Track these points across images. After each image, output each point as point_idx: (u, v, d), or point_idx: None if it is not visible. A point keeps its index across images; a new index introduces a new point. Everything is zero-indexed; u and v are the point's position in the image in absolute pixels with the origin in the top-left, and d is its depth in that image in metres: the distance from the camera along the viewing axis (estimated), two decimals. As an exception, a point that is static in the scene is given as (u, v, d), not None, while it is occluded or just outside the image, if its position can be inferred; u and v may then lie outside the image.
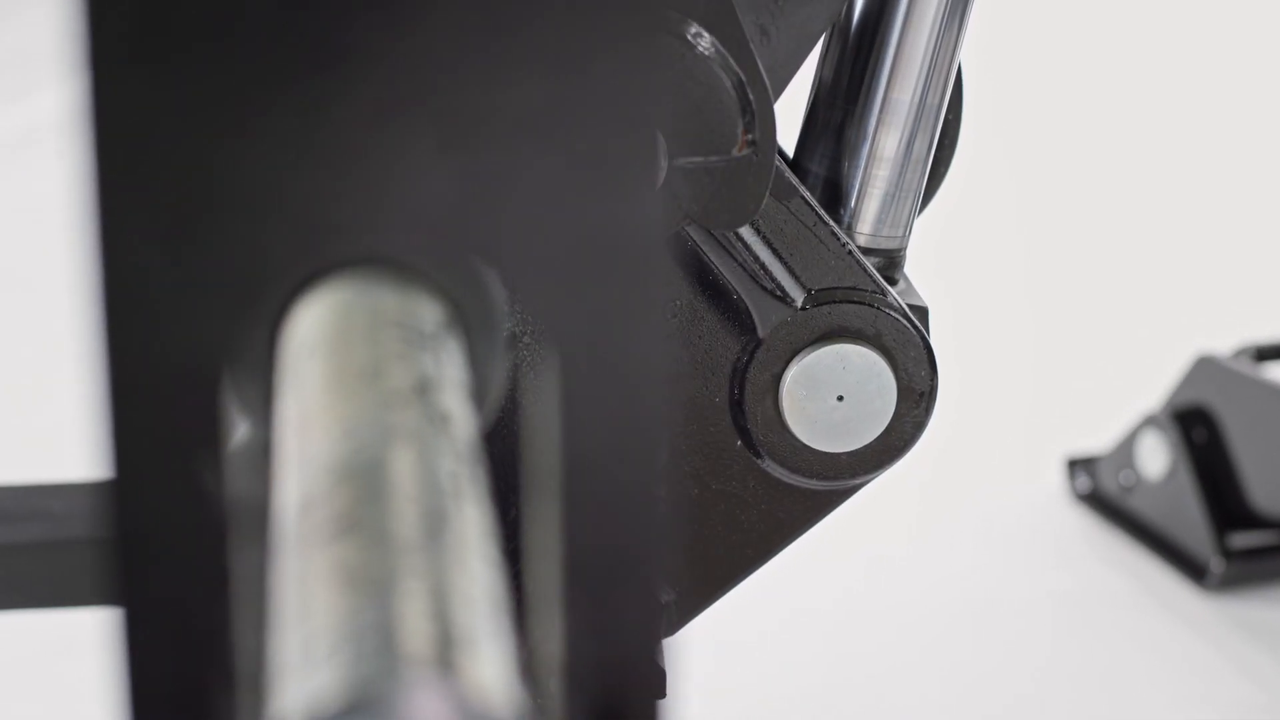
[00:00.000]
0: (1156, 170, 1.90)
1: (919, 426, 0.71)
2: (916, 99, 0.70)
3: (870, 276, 0.70)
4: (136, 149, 0.29)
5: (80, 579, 0.53)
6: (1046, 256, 1.71)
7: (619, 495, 0.32)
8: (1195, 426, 1.18)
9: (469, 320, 0.41)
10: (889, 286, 0.71)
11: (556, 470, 0.33)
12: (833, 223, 0.70)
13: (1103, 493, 1.25)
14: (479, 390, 0.41)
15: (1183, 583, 1.16)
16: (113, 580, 0.31)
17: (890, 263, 0.73)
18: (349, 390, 0.38)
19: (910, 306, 0.71)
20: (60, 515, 0.57)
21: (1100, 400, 1.36)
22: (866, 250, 0.71)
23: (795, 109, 0.73)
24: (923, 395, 0.71)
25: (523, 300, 0.32)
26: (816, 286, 0.70)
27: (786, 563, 1.00)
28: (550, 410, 0.33)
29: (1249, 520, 1.16)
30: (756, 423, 0.71)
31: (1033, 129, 2.01)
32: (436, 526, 0.34)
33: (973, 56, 0.75)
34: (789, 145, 0.74)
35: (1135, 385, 1.32)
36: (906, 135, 0.71)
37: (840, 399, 0.71)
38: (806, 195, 0.69)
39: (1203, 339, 1.25)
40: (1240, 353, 1.20)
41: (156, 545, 0.31)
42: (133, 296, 0.30)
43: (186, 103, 0.30)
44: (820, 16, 0.68)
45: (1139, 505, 1.22)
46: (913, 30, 0.70)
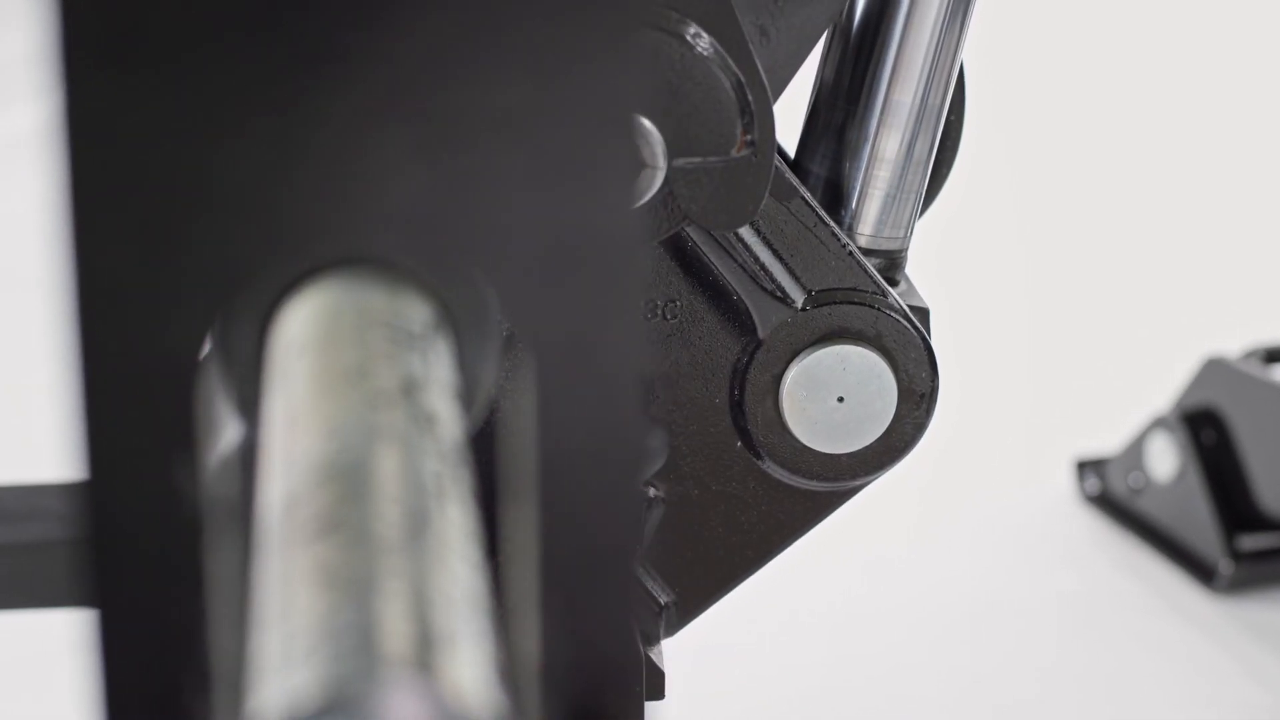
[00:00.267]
0: (1165, 171, 1.89)
1: (919, 428, 0.71)
2: (918, 100, 0.70)
3: (871, 277, 0.70)
4: (110, 151, 0.29)
5: (55, 580, 0.53)
6: (1055, 258, 1.71)
7: (595, 496, 0.32)
8: (1204, 428, 1.18)
9: (459, 321, 0.41)
10: (890, 287, 0.71)
11: (533, 471, 0.33)
12: (833, 224, 0.70)
13: (1112, 494, 1.25)
14: (469, 391, 0.41)
15: (1192, 585, 1.16)
16: (87, 581, 0.31)
17: (891, 264, 0.73)
18: (335, 390, 0.38)
19: (911, 308, 0.71)
20: (34, 516, 0.57)
21: (1109, 402, 1.35)
22: (867, 251, 0.71)
23: (797, 110, 0.73)
24: (923, 397, 0.71)
25: (500, 300, 0.32)
26: (817, 287, 0.70)
27: (794, 562, 1.00)
28: (527, 411, 0.33)
29: (1258, 522, 1.16)
30: (757, 424, 0.71)
31: (1039, 129, 2.01)
32: (418, 527, 0.34)
33: (975, 57, 0.75)
34: (790, 146, 0.74)
35: (1144, 387, 1.32)
36: (908, 136, 0.71)
37: (840, 400, 0.70)
38: (807, 196, 0.69)
39: (1212, 340, 1.25)
40: (1249, 354, 1.20)
41: (131, 546, 0.31)
42: (107, 297, 0.30)
43: (158, 103, 0.30)
44: (820, 17, 0.68)
45: (1148, 507, 1.21)
46: (914, 31, 0.70)
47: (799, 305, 0.70)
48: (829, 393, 0.70)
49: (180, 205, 0.31)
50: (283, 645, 0.32)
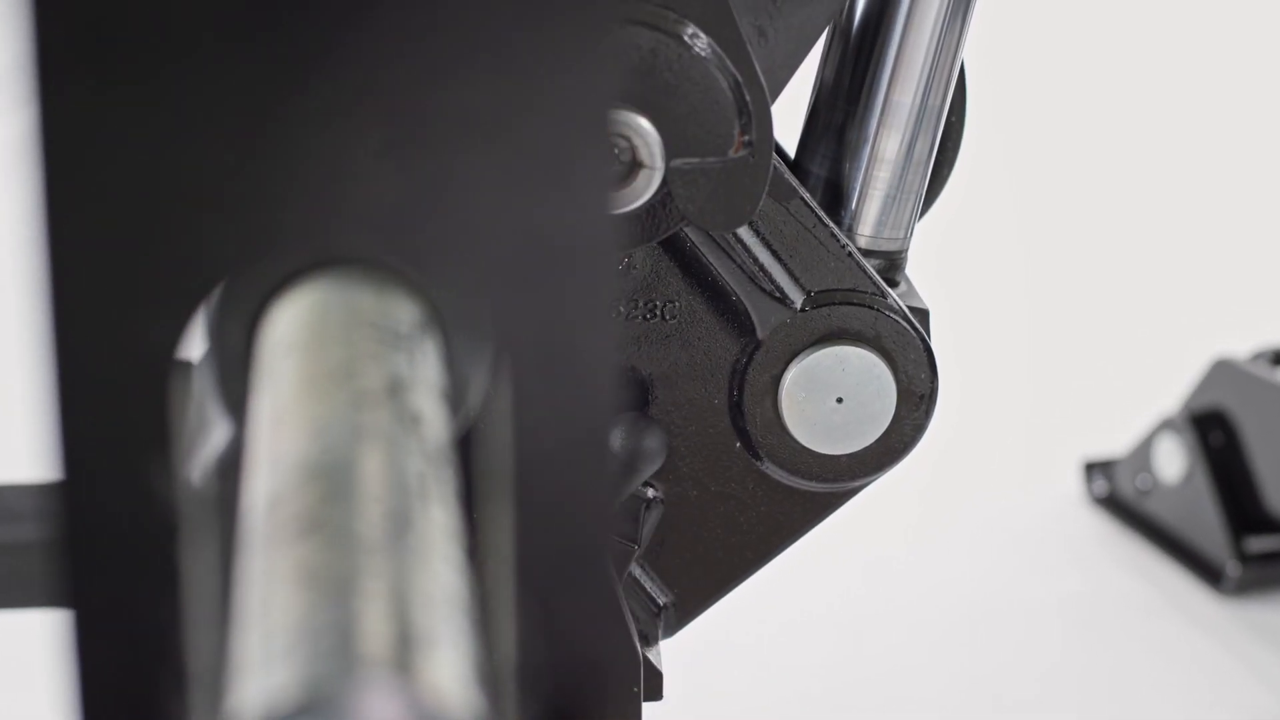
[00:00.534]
0: (1173, 172, 1.89)
1: (919, 429, 0.71)
2: (918, 100, 0.70)
3: (870, 278, 0.70)
4: (85, 151, 0.30)
5: (30, 581, 0.53)
6: (1063, 259, 1.71)
7: (569, 498, 0.32)
8: (1212, 430, 1.17)
9: (448, 321, 0.41)
10: (889, 288, 0.70)
11: (508, 472, 0.33)
12: (832, 224, 0.70)
13: (1120, 496, 1.25)
14: (457, 391, 0.41)
15: (1199, 586, 1.16)
16: (62, 582, 0.31)
17: (891, 265, 0.72)
18: (321, 390, 0.38)
19: (911, 308, 0.71)
20: (8, 517, 0.57)
21: (1118, 403, 1.35)
22: (867, 252, 0.71)
23: (797, 110, 0.73)
24: (923, 398, 0.71)
25: (475, 300, 0.32)
26: (816, 288, 0.70)
27: (800, 563, 0.99)
28: (501, 412, 0.33)
29: (1266, 524, 1.16)
30: (756, 424, 0.71)
31: (1043, 129, 2.00)
32: (400, 527, 0.34)
33: (977, 57, 0.75)
34: (790, 146, 0.74)
35: (1152, 388, 1.31)
36: (908, 137, 0.71)
37: (840, 401, 0.70)
38: (806, 196, 0.69)
39: (1220, 342, 1.25)
40: (1258, 356, 1.20)
41: (106, 546, 0.31)
42: (82, 297, 0.30)
43: (133, 103, 0.30)
44: (818, 18, 0.68)
45: (1156, 509, 1.21)
46: (914, 31, 0.70)
47: (798, 306, 0.70)
48: (828, 394, 0.70)
49: (154, 205, 0.31)
50: (261, 645, 0.32)
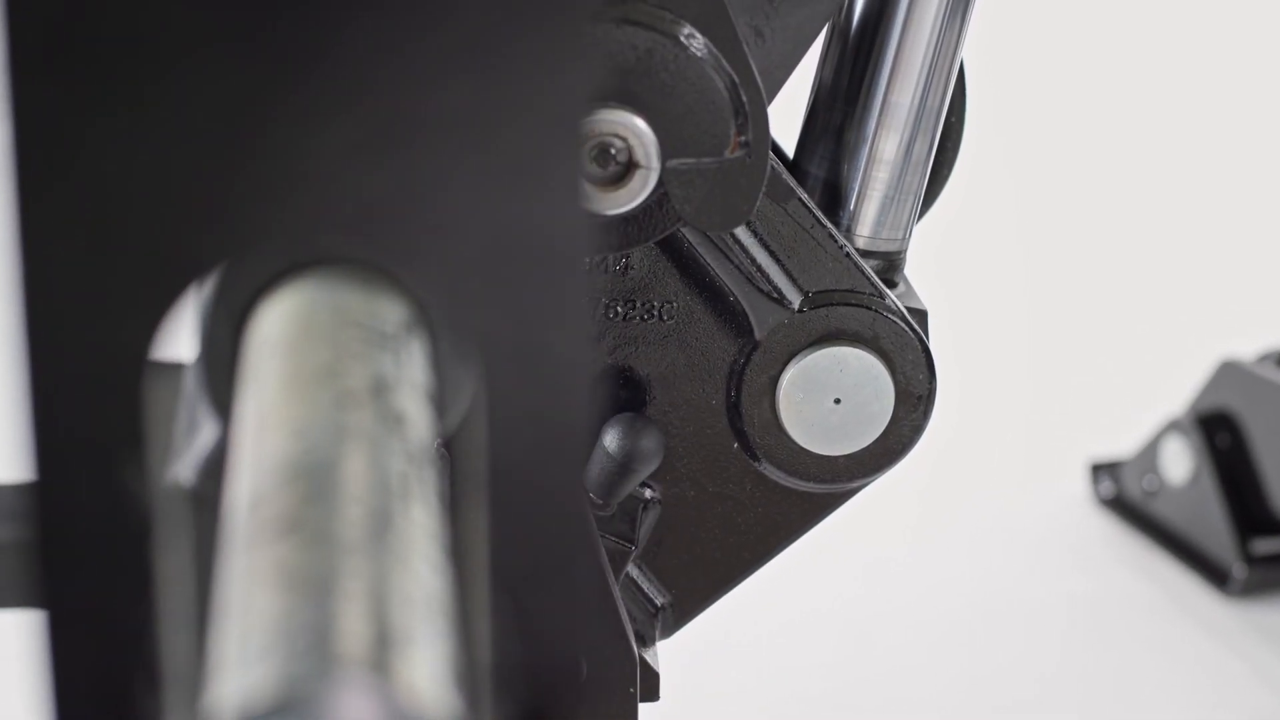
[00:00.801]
0: (1180, 173, 1.88)
1: (917, 430, 0.71)
2: (916, 101, 0.70)
3: (868, 279, 0.70)
4: (57, 153, 0.30)
5: (3, 581, 0.53)
6: (1070, 261, 1.70)
7: (543, 498, 0.32)
8: (1219, 431, 1.17)
9: (436, 322, 0.41)
10: (887, 289, 0.70)
11: (482, 473, 0.32)
12: (830, 225, 0.69)
13: (1126, 497, 1.24)
14: (446, 392, 0.41)
15: (1205, 588, 1.16)
16: (35, 583, 0.31)
17: (889, 265, 0.72)
18: (304, 390, 0.38)
19: (909, 309, 0.71)
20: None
21: (1124, 405, 1.35)
22: (865, 253, 0.71)
23: (795, 111, 0.73)
24: (921, 399, 0.71)
25: (447, 299, 0.32)
26: (814, 289, 0.70)
27: (804, 563, 0.99)
28: (476, 413, 0.33)
29: (1272, 526, 1.16)
30: (753, 425, 0.71)
31: (1048, 130, 2.00)
32: (380, 527, 0.34)
33: (978, 58, 0.75)
34: (789, 147, 0.74)
35: (1159, 390, 1.31)
36: (906, 138, 0.71)
37: (838, 402, 0.70)
38: (804, 197, 0.69)
39: (1227, 343, 1.24)
40: (1264, 357, 1.19)
41: (79, 547, 0.31)
42: (54, 298, 0.30)
43: (104, 104, 0.30)
44: (816, 18, 0.68)
45: (1162, 510, 1.21)
46: (913, 32, 0.69)
47: (796, 307, 0.70)
48: (826, 394, 0.70)
49: (127, 205, 0.31)
50: (239, 645, 0.32)
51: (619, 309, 0.70)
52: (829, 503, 0.73)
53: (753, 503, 0.72)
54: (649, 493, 0.72)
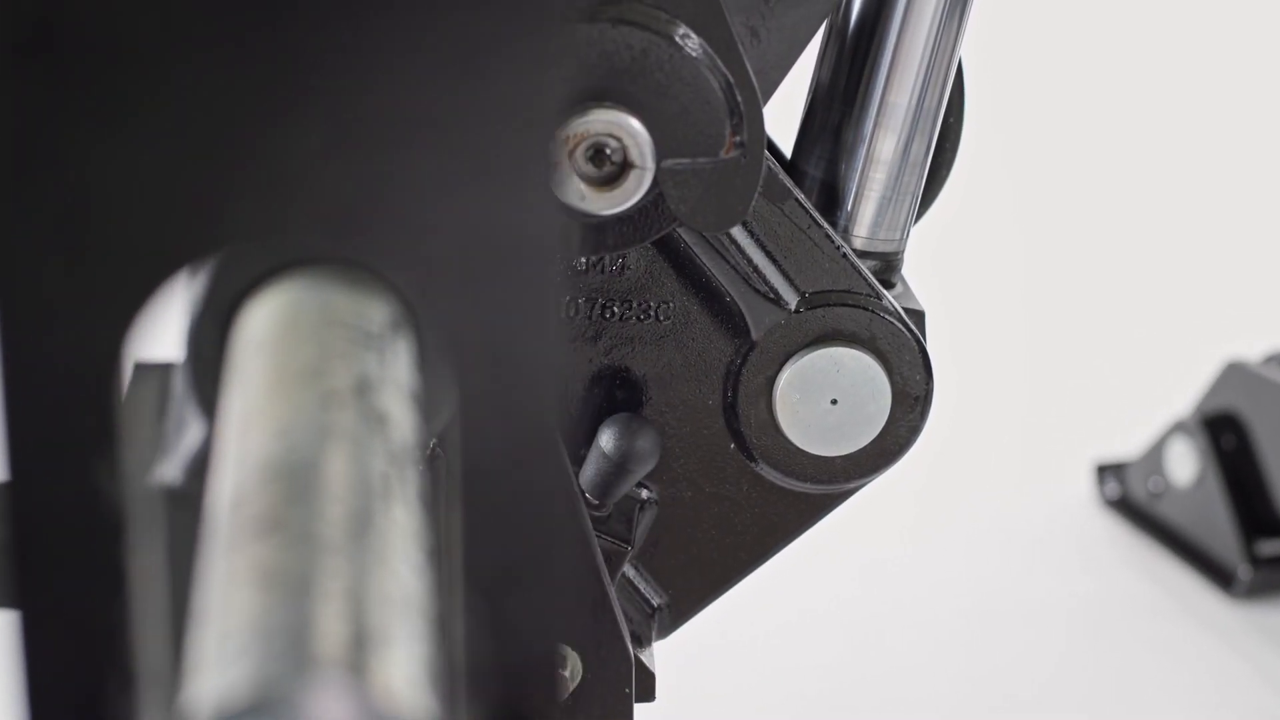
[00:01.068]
0: (1185, 174, 1.88)
1: (914, 431, 0.71)
2: (914, 101, 0.70)
3: (865, 280, 0.70)
4: (30, 150, 0.29)
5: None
6: (1074, 262, 1.70)
7: (516, 499, 0.32)
8: (1224, 433, 1.17)
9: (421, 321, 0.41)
10: (884, 290, 0.70)
11: (456, 474, 0.32)
12: (827, 225, 0.69)
13: (1132, 499, 1.24)
14: (434, 392, 0.41)
15: (1210, 590, 1.16)
16: (8, 583, 0.31)
17: (887, 266, 0.72)
18: (288, 389, 0.38)
19: (906, 310, 0.70)
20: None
21: (1130, 406, 1.35)
22: (863, 253, 0.71)
23: (793, 111, 0.73)
24: (918, 399, 0.71)
25: (419, 299, 0.32)
26: (810, 289, 0.70)
27: (808, 563, 0.99)
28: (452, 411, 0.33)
29: (1278, 528, 1.15)
30: (750, 426, 0.71)
31: (1051, 131, 1.99)
32: (360, 527, 0.34)
33: (977, 58, 0.75)
34: (786, 147, 0.74)
35: (1165, 391, 1.31)
36: (904, 138, 0.70)
37: (834, 403, 0.70)
38: (800, 197, 0.69)
39: (1232, 345, 1.24)
40: (1270, 359, 1.19)
41: (52, 546, 0.31)
42: (26, 297, 0.30)
43: (72, 104, 0.30)
44: (811, 18, 0.67)
45: (1168, 511, 1.21)
46: (910, 32, 0.69)
47: (792, 307, 0.70)
48: (822, 395, 0.70)
49: (99, 204, 0.31)
50: (216, 644, 0.32)
51: (615, 309, 0.70)
52: (826, 503, 0.73)
53: (749, 503, 0.72)
54: (645, 493, 0.72)
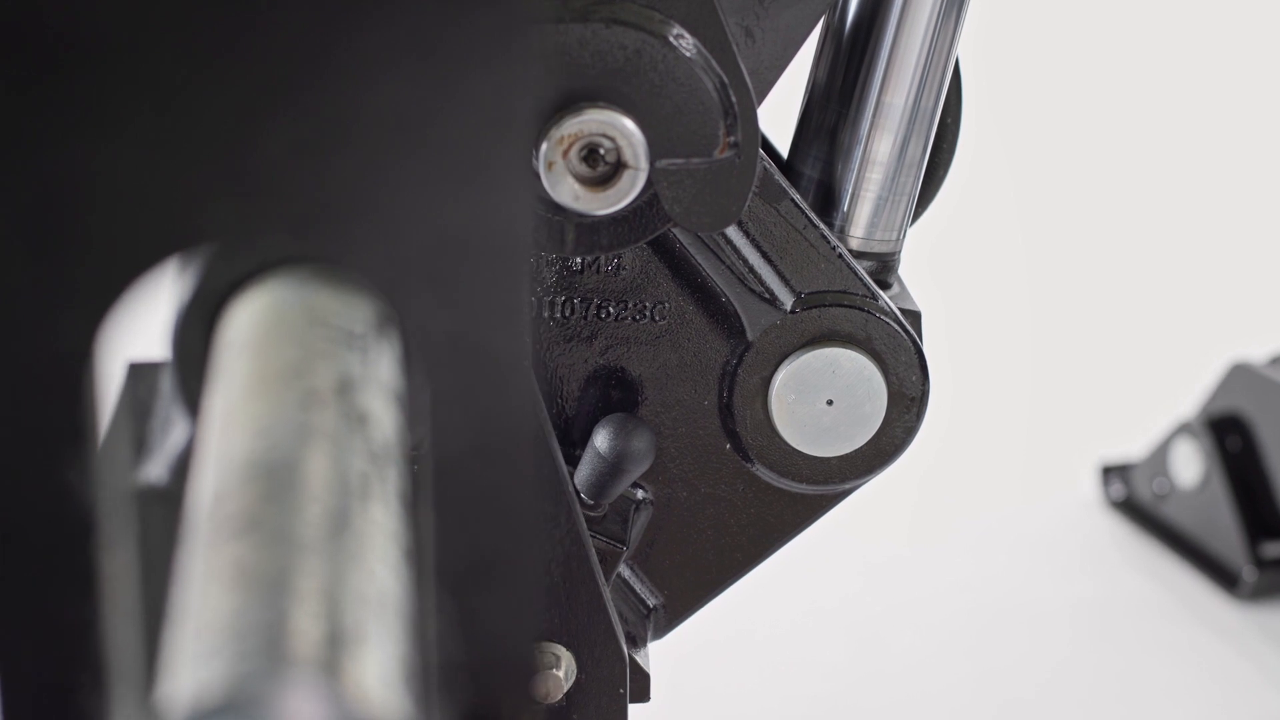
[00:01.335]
0: (1189, 175, 1.87)
1: (910, 432, 0.71)
2: (910, 102, 0.70)
3: (861, 280, 0.70)
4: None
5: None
6: (1079, 263, 1.70)
7: (487, 499, 0.32)
8: (1229, 434, 1.17)
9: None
10: (880, 290, 0.70)
11: (427, 472, 0.32)
12: (823, 226, 0.69)
13: (1137, 500, 1.24)
14: (416, 392, 0.41)
15: (1215, 591, 1.15)
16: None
17: (883, 267, 0.72)
18: (270, 389, 0.38)
19: (903, 311, 0.70)
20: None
21: (1135, 407, 1.35)
22: (859, 254, 0.71)
23: (790, 111, 0.73)
24: (914, 400, 0.70)
25: (388, 302, 0.32)
26: (806, 290, 0.70)
27: (812, 563, 0.99)
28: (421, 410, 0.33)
29: (1283, 529, 1.15)
30: (746, 426, 0.71)
31: (1052, 131, 1.99)
32: (338, 527, 0.34)
33: (975, 58, 0.75)
34: (783, 148, 0.74)
35: (1170, 392, 1.31)
36: (900, 138, 0.70)
37: (830, 403, 0.70)
38: (796, 198, 0.69)
39: (1237, 346, 1.24)
40: (1275, 360, 1.19)
41: (21, 545, 0.31)
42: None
43: (41, 102, 0.30)
44: (806, 18, 0.67)
45: (1172, 513, 1.21)
46: (906, 32, 0.69)
47: (788, 308, 0.70)
48: (818, 396, 0.70)
49: (67, 202, 0.31)
50: (191, 643, 0.32)
51: (611, 309, 0.70)
52: (822, 504, 0.73)
53: (745, 504, 0.72)
54: (641, 494, 0.72)
